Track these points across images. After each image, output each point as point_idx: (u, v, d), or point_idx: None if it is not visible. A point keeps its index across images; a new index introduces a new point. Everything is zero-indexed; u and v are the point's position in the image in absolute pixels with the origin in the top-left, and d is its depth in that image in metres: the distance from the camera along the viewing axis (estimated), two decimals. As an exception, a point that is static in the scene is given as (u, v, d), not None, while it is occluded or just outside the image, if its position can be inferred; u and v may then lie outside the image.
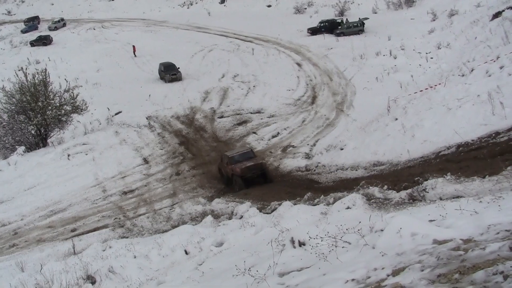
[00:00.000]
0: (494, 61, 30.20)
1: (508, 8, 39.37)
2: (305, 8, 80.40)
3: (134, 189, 30.86)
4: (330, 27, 64.64)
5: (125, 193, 30.45)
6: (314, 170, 29.63)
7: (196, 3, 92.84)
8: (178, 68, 52.70)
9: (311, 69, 50.65)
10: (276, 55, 57.05)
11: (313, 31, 65.22)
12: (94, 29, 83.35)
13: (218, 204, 26.31)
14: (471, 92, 27.85)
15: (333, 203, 15.98)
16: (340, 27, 63.92)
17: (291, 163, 31.65)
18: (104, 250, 19.00)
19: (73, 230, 26.40)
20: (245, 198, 26.05)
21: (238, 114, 41.78)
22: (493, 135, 23.01)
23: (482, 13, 46.85)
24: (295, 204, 18.92)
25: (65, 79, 44.58)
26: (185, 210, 26.61)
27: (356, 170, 27.50)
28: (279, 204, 19.56)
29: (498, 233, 7.23)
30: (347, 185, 22.90)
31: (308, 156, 31.98)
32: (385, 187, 17.97)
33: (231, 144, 36.15)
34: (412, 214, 11.29)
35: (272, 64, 53.91)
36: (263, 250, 11.29)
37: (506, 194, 10.69)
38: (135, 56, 64.18)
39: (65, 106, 39.91)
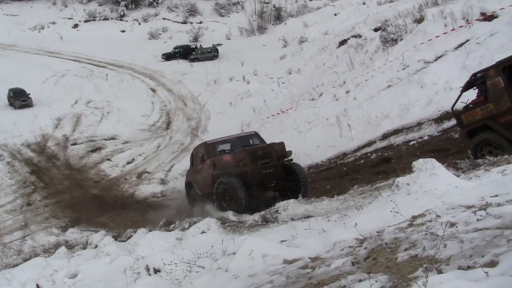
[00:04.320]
0: (341, 86, 31.69)
1: (352, 37, 41.47)
2: (160, 34, 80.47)
3: (-20, 223, 29.19)
4: (184, 53, 65.27)
5: (-30, 227, 28.76)
6: (170, 196, 29.52)
7: (48, 27, 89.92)
8: (29, 94, 50.33)
9: (165, 94, 50.67)
10: (131, 81, 56.52)
11: (168, 57, 65.48)
12: None
13: (73, 234, 25.43)
14: (320, 115, 29.06)
15: (188, 228, 15.99)
16: (194, 52, 64.74)
17: (146, 189, 31.33)
18: None
19: None
20: (101, 227, 25.46)
21: (91, 141, 40.88)
22: (341, 156, 24.15)
23: (330, 40, 49.04)
24: (150, 230, 18.77)
25: None
26: (38, 241, 25.45)
27: (211, 194, 27.67)
28: (134, 231, 19.33)
29: (342, 249, 7.59)
30: (203, 210, 23.05)
31: (163, 182, 31.84)
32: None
33: (85, 172, 35.28)
34: (265, 236, 11.55)
35: (126, 89, 53.30)
36: (118, 279, 11.10)
37: (351, 212, 11.21)
38: (-21, 81, 60.89)
39: None
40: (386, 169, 17.81)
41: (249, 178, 17.20)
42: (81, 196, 31.24)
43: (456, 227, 6.22)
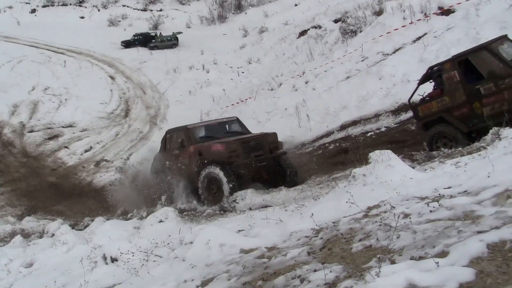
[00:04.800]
0: (300, 76, 31.84)
1: (312, 27, 41.60)
2: (119, 21, 79.38)
3: None
4: (144, 40, 64.56)
5: None
6: (128, 184, 29.29)
7: (5, 11, 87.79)
8: (-17, 80, 49.55)
9: (124, 82, 50.13)
10: (89, 68, 55.59)
11: (127, 44, 64.66)
12: None
13: (29, 222, 24.99)
14: (279, 105, 29.18)
15: (146, 217, 15.96)
16: (154, 40, 64.11)
17: (104, 178, 31.07)
18: None
19: None
20: (58, 215, 25.17)
21: (49, 128, 40.24)
22: (300, 146, 24.28)
23: (290, 30, 49.10)
24: (108, 219, 18.67)
25: None
26: (-8, 231, 25.14)
27: (170, 183, 27.52)
28: (92, 220, 19.20)
29: (299, 239, 7.70)
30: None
31: (122, 170, 31.58)
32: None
33: (41, 160, 34.76)
34: (222, 225, 11.61)
35: (84, 77, 52.36)
36: (75, 268, 11.04)
37: (308, 202, 11.35)
38: None
39: None
40: (343, 160, 17.98)
41: (242, 171, 16.31)
42: (37, 184, 30.76)
43: (410, 218, 6.35)
